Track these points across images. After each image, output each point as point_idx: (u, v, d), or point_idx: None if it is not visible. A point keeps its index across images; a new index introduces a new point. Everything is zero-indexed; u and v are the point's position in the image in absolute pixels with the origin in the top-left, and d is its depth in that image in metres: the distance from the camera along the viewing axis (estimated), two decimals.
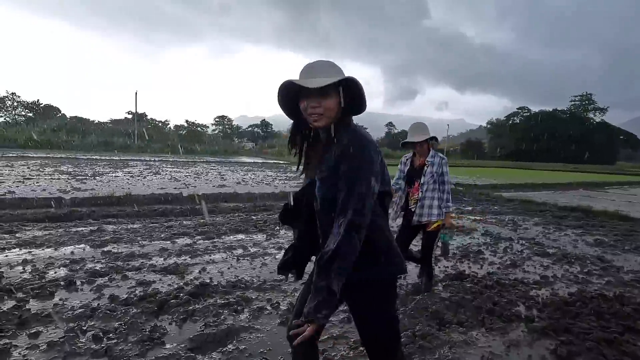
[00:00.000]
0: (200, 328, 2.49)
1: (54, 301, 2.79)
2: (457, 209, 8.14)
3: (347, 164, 1.22)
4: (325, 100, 1.26)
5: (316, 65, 1.29)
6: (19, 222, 5.31)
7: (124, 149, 31.72)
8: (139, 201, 7.24)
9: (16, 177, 9.67)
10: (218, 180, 11.66)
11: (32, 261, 3.64)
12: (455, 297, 3.13)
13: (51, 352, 2.15)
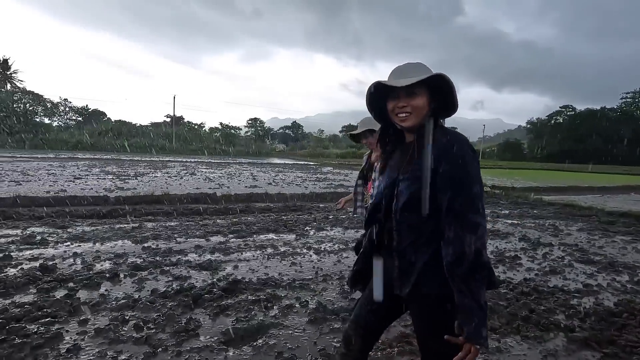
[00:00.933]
0: (232, 322, 2.59)
1: (100, 292, 3.01)
2: (493, 213, 7.84)
3: (450, 163, 1.17)
4: (413, 99, 1.25)
5: (404, 68, 1.30)
6: (70, 218, 5.75)
7: (162, 151, 33.30)
8: (176, 200, 7.59)
9: (67, 177, 10.46)
10: (250, 180, 11.97)
11: (81, 254, 3.93)
12: (489, 303, 3.03)
13: (98, 338, 2.32)
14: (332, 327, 2.60)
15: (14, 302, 2.74)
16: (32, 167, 13.30)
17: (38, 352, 2.14)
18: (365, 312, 1.43)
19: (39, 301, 2.74)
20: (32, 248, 4.09)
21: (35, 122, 43.68)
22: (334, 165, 25.18)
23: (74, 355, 2.13)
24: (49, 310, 2.62)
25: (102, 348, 2.21)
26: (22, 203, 6.51)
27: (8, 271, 3.33)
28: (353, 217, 3.12)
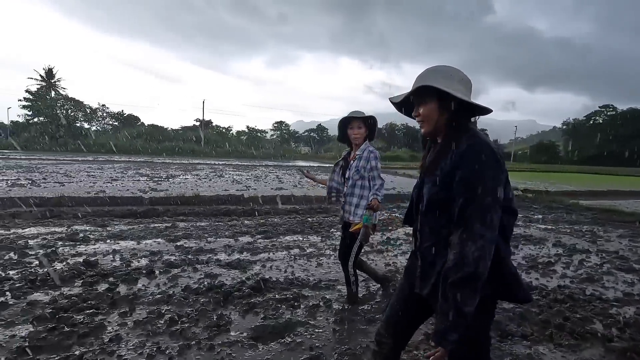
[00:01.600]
0: (260, 320, 2.67)
1: (137, 286, 3.19)
2: (525, 217, 7.56)
3: (466, 169, 1.17)
4: (421, 107, 1.30)
5: (420, 74, 1.32)
6: (109, 217, 6.09)
7: (192, 154, 34.44)
8: (205, 201, 7.86)
9: (106, 179, 11.05)
10: (276, 183, 12.16)
11: (120, 251, 4.17)
12: (519, 309, 2.95)
13: (137, 329, 2.47)
14: (358, 328, 2.63)
15: (62, 293, 2.96)
16: (73, 169, 14.16)
17: (84, 340, 2.31)
18: (396, 311, 1.46)
19: (83, 294, 2.95)
20: (76, 245, 4.38)
21: (76, 127, 46.41)
22: None
23: (116, 344, 2.28)
24: (93, 302, 2.81)
25: (140, 339, 2.35)
26: (66, 203, 6.97)
27: (56, 265, 3.59)
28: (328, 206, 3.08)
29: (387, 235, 5.54)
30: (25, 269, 3.47)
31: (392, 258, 4.39)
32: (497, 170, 1.18)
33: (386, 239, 5.30)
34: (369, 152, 2.81)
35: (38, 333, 2.33)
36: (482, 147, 1.19)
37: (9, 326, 2.43)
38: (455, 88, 1.25)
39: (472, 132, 1.26)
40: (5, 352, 2.13)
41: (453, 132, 1.27)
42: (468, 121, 1.30)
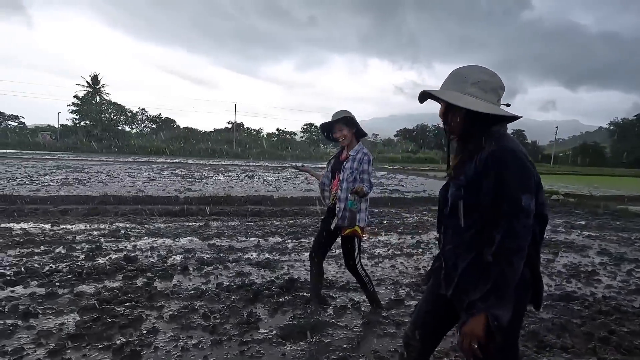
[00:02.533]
0: (289, 319, 2.71)
1: (173, 282, 3.33)
2: (566, 223, 7.15)
3: (490, 178, 1.17)
4: (448, 114, 1.31)
5: (445, 80, 1.33)
6: (147, 215, 6.41)
7: (224, 155, 35.48)
8: (236, 201, 8.07)
9: (144, 179, 11.63)
10: (305, 184, 12.27)
11: (157, 248, 4.38)
12: (559, 320, 2.80)
13: (172, 323, 2.59)
14: (386, 331, 2.60)
15: (105, 286, 3.15)
16: (115, 169, 15.03)
17: (124, 330, 2.45)
18: (424, 313, 1.44)
19: (124, 287, 3.13)
20: (118, 241, 4.65)
21: (118, 130, 49.20)
22: (389, 169, 24.78)
23: (153, 336, 2.40)
24: (132, 295, 2.97)
25: (175, 332, 2.46)
26: (108, 201, 7.41)
27: (99, 260, 3.83)
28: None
29: (418, 239, 5.43)
30: (73, 262, 3.73)
31: (422, 262, 4.30)
32: (524, 176, 1.16)
33: (416, 242, 5.20)
34: (363, 155, 2.75)
35: (84, 322, 2.49)
36: (506, 153, 1.18)
37: (58, 315, 2.63)
38: (466, 92, 1.24)
39: (499, 136, 1.23)
40: (55, 338, 2.31)
41: (478, 137, 1.25)
42: (487, 126, 1.26)
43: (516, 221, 1.14)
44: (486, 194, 1.19)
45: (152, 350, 2.23)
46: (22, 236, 4.62)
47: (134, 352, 2.17)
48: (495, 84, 1.28)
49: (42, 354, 2.13)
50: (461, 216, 1.26)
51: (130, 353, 2.16)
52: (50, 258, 3.83)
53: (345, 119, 2.74)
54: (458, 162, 1.30)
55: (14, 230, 4.94)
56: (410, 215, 7.60)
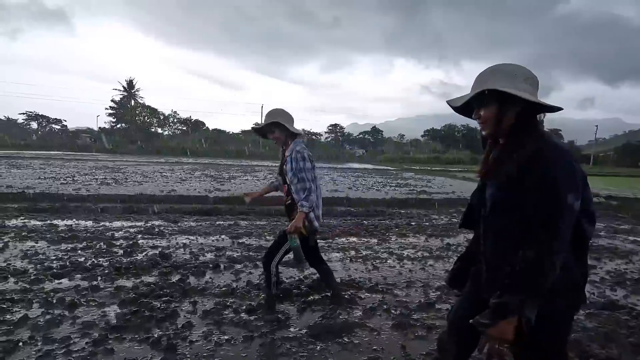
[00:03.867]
0: (318, 318, 2.72)
1: (205, 279, 3.43)
2: (609, 228, 6.73)
3: (536, 174, 1.13)
4: (482, 109, 1.25)
5: (479, 75, 1.28)
6: (179, 214, 6.64)
7: (251, 156, 36.17)
8: (264, 201, 8.19)
9: (176, 179, 12.06)
10: (331, 185, 12.27)
11: (189, 246, 4.52)
12: (604, 329, 2.65)
13: (206, 318, 2.66)
14: (417, 334, 2.56)
15: (142, 281, 3.29)
16: (149, 170, 15.67)
17: (161, 324, 2.55)
18: (459, 317, 1.41)
19: (160, 282, 3.26)
20: (153, 238, 4.84)
21: (151, 132, 51.33)
22: (416, 170, 24.33)
23: (188, 330, 2.48)
24: (167, 290, 3.08)
25: (208, 327, 2.53)
26: (143, 200, 7.73)
27: (137, 256, 4.01)
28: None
29: (447, 241, 5.30)
30: (112, 257, 3.92)
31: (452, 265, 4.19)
32: (570, 174, 1.13)
33: (446, 245, 5.08)
34: (296, 153, 2.60)
35: (124, 315, 2.62)
36: (553, 150, 1.14)
37: (100, 307, 2.77)
38: (520, 87, 1.19)
39: (541, 134, 1.20)
40: (98, 329, 2.44)
41: (519, 134, 1.21)
42: (535, 122, 1.23)
43: (561, 221, 1.10)
44: (529, 193, 1.14)
45: (187, 344, 2.31)
46: (67, 232, 4.91)
47: (170, 345, 2.25)
48: (537, 80, 1.25)
49: (87, 343, 2.25)
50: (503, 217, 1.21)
51: (167, 346, 2.25)
52: (92, 253, 4.05)
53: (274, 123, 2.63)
54: (497, 161, 1.25)
55: (60, 227, 5.27)
56: (439, 217, 7.43)
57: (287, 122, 2.66)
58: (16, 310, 2.63)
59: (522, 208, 1.16)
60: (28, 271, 3.39)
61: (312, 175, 2.61)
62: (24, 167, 14.50)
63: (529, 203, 1.14)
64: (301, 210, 2.58)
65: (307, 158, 2.60)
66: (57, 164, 16.86)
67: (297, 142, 2.69)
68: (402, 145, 67.03)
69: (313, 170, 2.65)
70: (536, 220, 1.12)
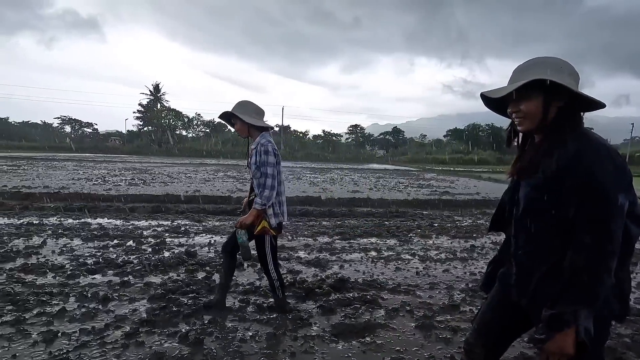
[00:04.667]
0: (340, 318, 2.73)
1: None
2: None
3: (581, 173, 1.06)
4: (522, 103, 1.17)
5: (522, 67, 1.20)
6: (203, 214, 6.82)
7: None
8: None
9: (200, 180, 12.37)
10: (351, 186, 12.25)
11: (214, 244, 4.64)
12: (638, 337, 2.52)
13: (230, 315, 2.73)
14: (440, 336, 2.52)
15: (170, 277, 3.41)
16: (174, 171, 16.15)
17: (188, 319, 2.63)
18: (487, 320, 1.38)
19: (186, 279, 3.36)
20: (179, 236, 5.00)
21: (176, 135, 52.86)
22: (438, 171, 23.89)
23: (214, 326, 2.54)
24: (194, 287, 3.18)
25: (233, 324, 2.59)
26: (169, 200, 7.99)
27: (164, 254, 4.15)
28: None
29: (472, 243, 5.19)
30: (141, 254, 4.08)
31: (478, 267, 4.10)
32: (619, 174, 1.06)
33: (470, 247, 4.97)
34: (260, 146, 2.53)
35: (153, 310, 2.72)
36: (599, 148, 1.07)
37: (132, 302, 2.89)
38: (566, 82, 1.11)
39: (583, 131, 1.13)
40: (130, 322, 2.55)
41: (560, 131, 1.13)
42: (579, 119, 1.16)
43: (613, 222, 1.03)
44: (571, 194, 1.07)
45: (214, 340, 2.38)
46: (99, 230, 5.14)
47: (197, 340, 2.32)
48: (579, 76, 1.19)
49: (120, 336, 2.36)
50: (537, 218, 1.16)
51: (194, 340, 2.32)
52: (123, 250, 4.23)
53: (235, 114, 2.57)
54: (533, 159, 1.18)
55: (92, 225, 5.52)
56: (463, 219, 7.27)
57: (245, 114, 2.60)
58: (55, 303, 2.79)
59: (560, 209, 1.10)
60: (65, 266, 3.57)
61: (274, 170, 2.53)
62: (59, 168, 15.28)
63: (570, 204, 1.08)
64: (254, 207, 2.51)
65: (270, 152, 2.53)
66: (89, 166, 17.65)
67: (263, 135, 2.62)
68: (424, 145, 65.97)
69: (277, 166, 2.58)
70: (583, 223, 1.05)
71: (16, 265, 3.56)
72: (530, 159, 1.20)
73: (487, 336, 1.38)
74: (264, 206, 2.51)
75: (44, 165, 16.45)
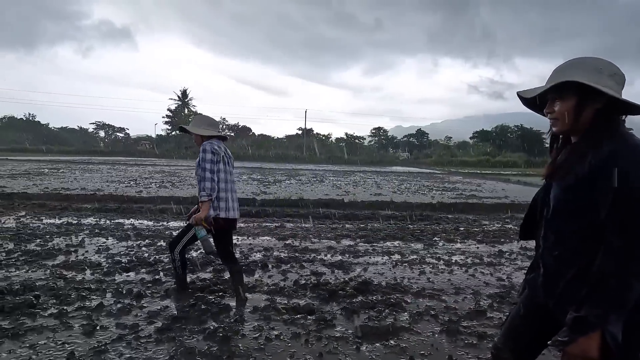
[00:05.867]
0: (364, 320, 2.74)
1: (255, 277, 3.60)
2: None
3: (610, 179, 1.03)
4: (557, 103, 1.17)
5: (559, 67, 1.19)
6: None
7: (295, 160, 36.92)
8: (308, 204, 8.35)
9: None
10: (374, 188, 12.18)
11: (239, 246, 4.75)
12: None
13: (255, 314, 2.80)
14: (467, 342, 2.48)
15: (198, 277, 3.54)
16: None
17: (216, 317, 2.72)
18: (517, 324, 1.36)
19: (214, 278, 3.47)
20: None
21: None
22: (464, 174, 23.31)
23: (240, 325, 2.63)
24: (221, 286, 3.28)
25: (259, 323, 2.66)
26: (197, 202, 8.23)
27: (193, 254, 4.30)
28: None
29: (500, 248, 5.05)
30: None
31: (506, 272, 3.99)
32: None
33: (498, 252, 4.84)
34: (201, 147, 2.88)
35: (183, 307, 2.84)
36: (635, 149, 1.05)
37: (163, 299, 3.02)
38: (605, 84, 1.10)
39: (620, 133, 1.10)
40: (162, 318, 2.67)
41: (595, 133, 1.12)
42: (617, 122, 1.14)
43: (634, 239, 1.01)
44: (602, 197, 1.06)
45: (240, 338, 2.45)
46: (132, 230, 5.39)
47: (224, 338, 2.41)
48: (624, 78, 1.16)
49: (153, 331, 2.48)
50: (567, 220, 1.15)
51: (222, 338, 2.40)
52: (154, 250, 4.42)
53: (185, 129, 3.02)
54: (566, 161, 1.17)
55: (125, 225, 5.80)
56: (490, 223, 7.08)
57: (196, 127, 3.01)
58: (93, 298, 2.96)
59: (590, 212, 1.09)
60: (101, 264, 3.78)
61: (212, 167, 2.81)
62: (95, 171, 16.09)
63: (601, 207, 1.06)
64: (200, 200, 2.80)
65: (208, 150, 2.82)
66: (121, 169, 18.47)
67: (209, 142, 2.94)
68: (449, 147, 64.60)
69: (225, 166, 2.93)
70: (614, 226, 1.04)
71: (58, 262, 3.81)
72: (563, 160, 1.19)
73: (515, 341, 1.36)
74: (209, 197, 2.80)
75: (81, 169, 17.36)
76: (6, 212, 6.67)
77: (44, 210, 6.84)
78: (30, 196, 8.11)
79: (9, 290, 2.99)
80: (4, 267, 3.61)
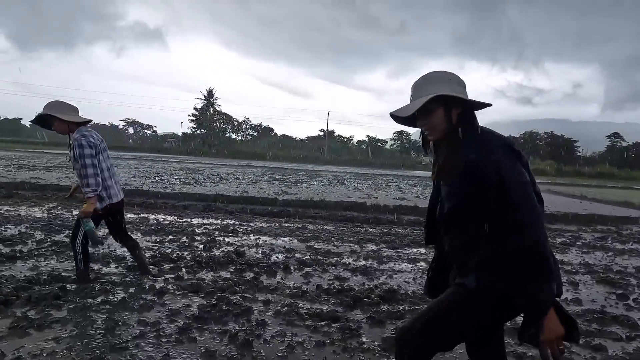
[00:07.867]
0: (391, 330, 2.60)
1: (277, 279, 3.52)
2: None
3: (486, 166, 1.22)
4: (426, 118, 1.33)
5: (416, 84, 1.37)
6: (251, 214, 6.98)
7: (316, 161, 36.91)
8: (330, 207, 8.24)
9: (247, 181, 12.75)
10: (397, 193, 11.92)
11: (261, 245, 4.70)
12: None
13: (277, 318, 2.71)
14: None
15: (220, 276, 3.48)
16: (223, 172, 16.84)
17: (237, 319, 2.64)
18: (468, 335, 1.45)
19: (235, 278, 3.41)
20: (228, 236, 5.13)
21: (226, 137, 55.36)
22: None
23: (262, 328, 2.54)
24: (243, 287, 3.21)
25: (281, 327, 2.56)
26: (219, 199, 8.29)
27: (214, 252, 4.27)
28: None
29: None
30: (194, 251, 4.23)
31: None
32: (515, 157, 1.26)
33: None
34: (74, 140, 2.79)
35: (204, 306, 2.77)
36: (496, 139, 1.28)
37: (184, 297, 2.98)
38: (460, 91, 1.31)
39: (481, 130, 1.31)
40: (183, 317, 2.62)
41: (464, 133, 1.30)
42: (475, 119, 1.34)
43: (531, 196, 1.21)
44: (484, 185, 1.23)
45: (262, 342, 2.36)
46: (156, 225, 5.44)
47: (246, 341, 2.32)
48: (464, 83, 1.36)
49: (174, 330, 2.43)
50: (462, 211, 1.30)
51: (244, 342, 2.32)
52: (177, 246, 4.42)
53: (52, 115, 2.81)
54: (445, 162, 1.33)
55: (150, 220, 5.87)
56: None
57: (60, 112, 2.82)
58: (117, 292, 2.96)
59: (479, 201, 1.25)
60: (126, 258, 3.80)
61: (92, 160, 2.80)
62: (123, 166, 16.58)
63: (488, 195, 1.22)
64: (87, 196, 2.81)
65: (85, 145, 2.77)
66: (148, 165, 18.98)
67: (79, 130, 2.84)
68: None
69: (100, 155, 2.91)
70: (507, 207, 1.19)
71: None
72: (443, 161, 1.35)
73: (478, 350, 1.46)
74: (96, 192, 2.82)
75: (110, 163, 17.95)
76: (39, 202, 6.92)
77: (75, 202, 7.04)
78: (62, 188, 8.38)
79: (37, 280, 3.03)
80: (34, 257, 3.69)
